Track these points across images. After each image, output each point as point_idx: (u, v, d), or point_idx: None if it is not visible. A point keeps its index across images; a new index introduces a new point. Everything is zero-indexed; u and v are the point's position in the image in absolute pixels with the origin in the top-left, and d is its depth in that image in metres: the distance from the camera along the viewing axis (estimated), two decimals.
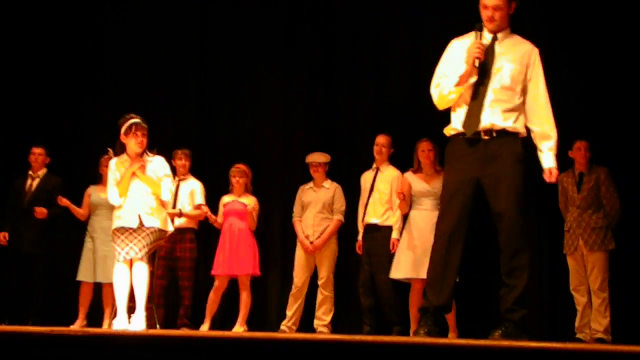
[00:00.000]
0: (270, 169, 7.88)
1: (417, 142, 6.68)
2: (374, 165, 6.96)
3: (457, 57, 4.52)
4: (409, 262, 6.41)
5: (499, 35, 4.52)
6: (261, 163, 7.78)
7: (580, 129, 6.81)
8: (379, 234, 6.75)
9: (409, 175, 6.68)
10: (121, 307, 5.57)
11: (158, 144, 5.94)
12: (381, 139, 6.91)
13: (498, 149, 4.40)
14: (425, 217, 6.43)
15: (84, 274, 7.21)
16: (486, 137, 4.40)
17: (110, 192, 5.71)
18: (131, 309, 5.61)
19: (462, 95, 4.48)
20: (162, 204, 5.75)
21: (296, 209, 7.28)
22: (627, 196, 6.61)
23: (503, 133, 4.41)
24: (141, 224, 5.59)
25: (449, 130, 4.60)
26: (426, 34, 7.61)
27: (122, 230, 5.60)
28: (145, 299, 5.60)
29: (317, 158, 7.23)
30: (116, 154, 5.78)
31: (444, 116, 4.70)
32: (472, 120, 4.42)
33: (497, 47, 4.50)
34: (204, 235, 7.50)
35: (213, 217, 7.18)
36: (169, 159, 6.06)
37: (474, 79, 4.43)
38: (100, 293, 7.22)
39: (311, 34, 8.00)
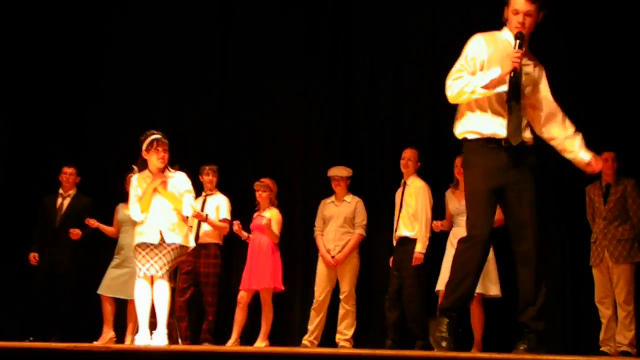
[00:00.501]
0: (291, 182, 7.88)
1: (455, 158, 6.53)
2: (402, 180, 6.95)
3: (482, 52, 4.40)
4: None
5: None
6: (283, 177, 7.78)
7: (607, 140, 6.76)
8: (409, 247, 6.71)
9: (448, 193, 6.71)
10: (143, 323, 5.58)
11: (179, 160, 5.96)
12: (407, 153, 6.90)
13: (520, 159, 4.33)
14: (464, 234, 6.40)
15: (104, 288, 7.22)
16: (508, 147, 4.31)
17: (132, 208, 5.73)
18: (153, 325, 5.62)
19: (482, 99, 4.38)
20: (184, 219, 5.77)
21: (318, 223, 7.28)
22: None
23: (526, 144, 4.37)
24: (162, 240, 5.61)
25: (467, 134, 4.44)
26: (446, 45, 7.59)
27: (144, 246, 5.61)
28: (167, 315, 5.61)
29: (339, 172, 7.23)
30: (138, 170, 5.81)
31: None
32: (516, 130, 4.33)
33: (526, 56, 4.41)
34: (228, 250, 7.49)
35: (244, 234, 7.17)
36: (191, 174, 6.07)
37: (502, 88, 4.31)
38: (125, 309, 7.24)
39: (332, 47, 8.01)
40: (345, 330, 7.00)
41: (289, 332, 7.60)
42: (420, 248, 6.64)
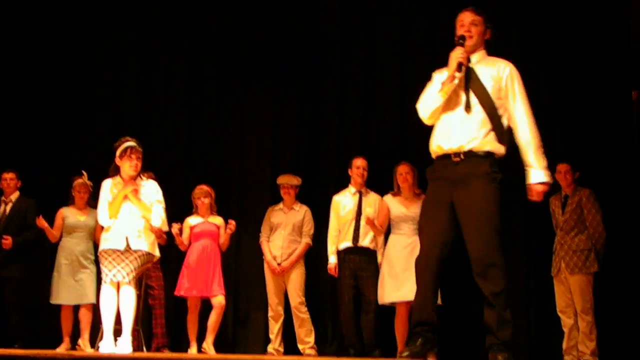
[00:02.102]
0: (238, 190, 7.87)
1: (395, 165, 6.69)
2: (355, 190, 6.91)
3: (443, 76, 4.48)
4: (392, 287, 6.41)
5: (474, 56, 4.50)
6: (225, 183, 7.78)
7: (564, 151, 6.89)
8: (369, 257, 6.72)
9: (388, 198, 6.70)
10: (108, 330, 5.54)
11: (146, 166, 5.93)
12: (362, 162, 6.86)
13: (467, 171, 4.32)
14: (403, 241, 6.45)
15: (63, 297, 7.06)
16: (456, 159, 4.36)
17: (101, 212, 5.71)
18: (117, 332, 5.57)
19: (441, 118, 4.46)
20: (151, 228, 5.74)
21: (264, 228, 7.27)
22: (616, 218, 6.64)
23: (471, 154, 4.34)
24: (128, 246, 5.58)
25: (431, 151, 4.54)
26: (414, 56, 7.67)
27: (110, 252, 5.59)
28: (132, 322, 5.58)
29: (288, 180, 7.24)
30: (110, 176, 5.79)
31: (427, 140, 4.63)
32: (447, 141, 4.40)
33: (473, 67, 4.47)
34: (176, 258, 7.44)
35: (180, 238, 7.07)
36: (159, 180, 6.04)
37: (456, 81, 4.38)
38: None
39: (300, 55, 8.01)
40: (306, 338, 7.01)
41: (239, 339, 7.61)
42: (381, 259, 6.68)
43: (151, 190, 5.80)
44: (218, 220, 7.18)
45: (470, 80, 4.41)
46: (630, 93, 7.15)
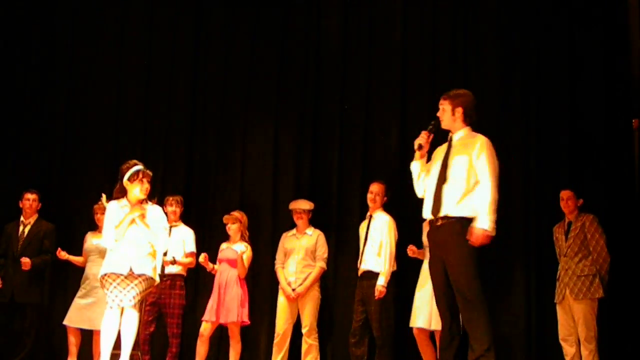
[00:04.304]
0: (259, 216, 7.84)
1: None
2: (368, 213, 6.96)
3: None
4: (430, 313, 6.34)
5: (455, 134, 5.25)
6: (250, 210, 7.79)
7: (570, 180, 6.91)
8: (374, 281, 6.65)
9: (425, 224, 6.72)
10: (106, 354, 5.52)
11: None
12: (375, 187, 6.92)
13: (445, 234, 5.06)
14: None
15: (69, 319, 7.07)
16: (437, 224, 5.12)
17: (106, 234, 5.71)
18: (115, 357, 5.56)
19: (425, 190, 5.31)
20: (153, 254, 5.74)
21: (279, 256, 7.27)
22: (619, 246, 6.63)
23: (447, 218, 5.07)
24: (131, 271, 5.57)
25: None
26: (415, 80, 7.71)
27: (114, 276, 5.58)
28: (132, 346, 5.56)
29: (300, 205, 7.26)
30: (114, 198, 5.79)
31: None
32: (428, 209, 5.23)
33: (453, 143, 5.23)
34: (192, 282, 7.45)
35: (210, 265, 7.11)
36: (159, 205, 6.07)
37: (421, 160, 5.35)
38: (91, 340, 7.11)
39: (302, 84, 8.04)
40: None
41: None
42: (383, 282, 6.61)
43: (156, 216, 5.83)
44: (240, 246, 7.11)
45: (448, 156, 5.17)
46: (631, 121, 7.17)
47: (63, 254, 7.16)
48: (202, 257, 7.02)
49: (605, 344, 6.42)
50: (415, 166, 5.41)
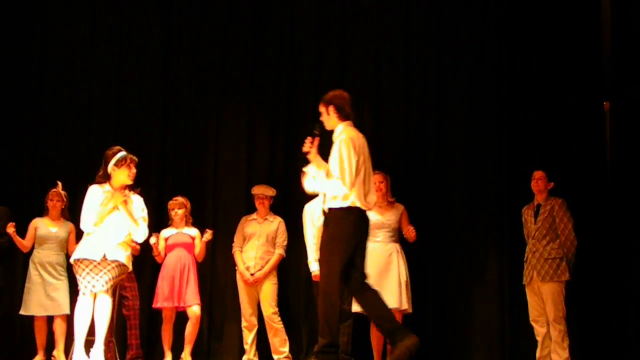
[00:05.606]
0: (233, 202, 7.83)
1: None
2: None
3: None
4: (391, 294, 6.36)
5: (334, 133, 5.41)
6: (224, 196, 7.78)
7: (539, 159, 6.96)
8: None
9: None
10: (80, 341, 5.51)
11: None
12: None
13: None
14: (379, 248, 6.45)
15: (35, 309, 6.97)
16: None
17: (86, 218, 5.67)
18: (89, 343, 5.55)
19: None
20: (128, 242, 5.73)
21: (237, 239, 7.26)
22: (588, 227, 6.71)
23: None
24: (104, 257, 5.55)
25: None
26: (388, 71, 7.74)
27: (86, 262, 5.55)
28: (106, 332, 5.55)
29: (263, 190, 7.26)
30: (96, 182, 5.76)
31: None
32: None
33: (333, 139, 5.35)
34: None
35: (157, 250, 7.09)
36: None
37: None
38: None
39: (275, 66, 8.03)
40: (280, 348, 7.02)
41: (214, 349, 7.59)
42: (315, 268, 6.60)
43: (138, 206, 5.82)
44: (193, 231, 7.17)
45: (330, 153, 5.33)
46: (603, 104, 7.24)
47: (11, 229, 6.90)
48: (155, 238, 6.96)
49: (574, 324, 6.50)
50: (310, 168, 5.52)
